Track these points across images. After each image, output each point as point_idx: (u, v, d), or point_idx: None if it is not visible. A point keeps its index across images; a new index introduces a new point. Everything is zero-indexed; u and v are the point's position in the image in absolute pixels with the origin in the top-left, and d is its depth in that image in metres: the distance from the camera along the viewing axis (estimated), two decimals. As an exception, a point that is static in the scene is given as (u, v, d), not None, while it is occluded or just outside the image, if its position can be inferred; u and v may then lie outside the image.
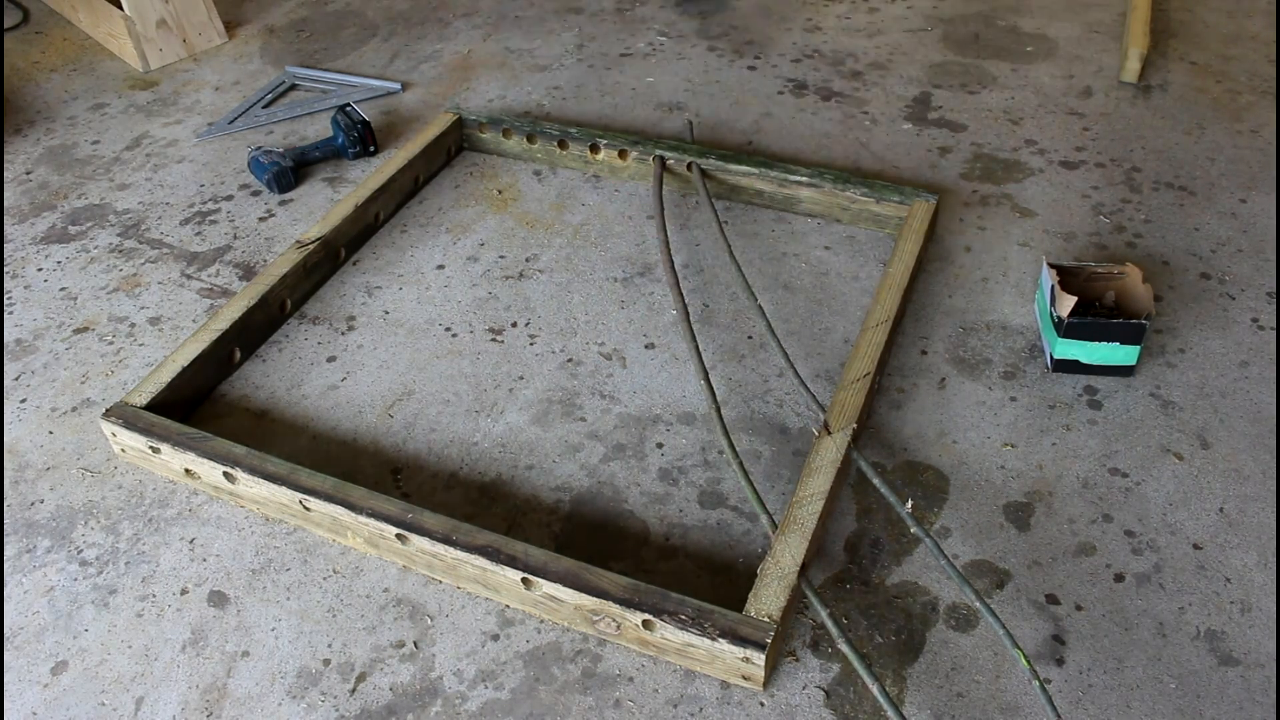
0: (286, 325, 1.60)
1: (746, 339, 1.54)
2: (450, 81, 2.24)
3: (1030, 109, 2.06)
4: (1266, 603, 1.16)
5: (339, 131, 1.95)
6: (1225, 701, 1.07)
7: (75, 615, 1.20)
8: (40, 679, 1.14)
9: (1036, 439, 1.37)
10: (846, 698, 1.09)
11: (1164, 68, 2.18)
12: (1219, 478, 1.31)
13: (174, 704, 1.11)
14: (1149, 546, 1.23)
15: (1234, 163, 1.88)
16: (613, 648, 1.14)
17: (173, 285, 1.69)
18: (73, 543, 1.28)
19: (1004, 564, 1.22)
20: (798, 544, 1.14)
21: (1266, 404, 1.40)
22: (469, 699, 1.10)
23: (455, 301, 1.63)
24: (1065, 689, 1.09)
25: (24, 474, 1.38)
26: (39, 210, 1.88)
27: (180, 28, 2.36)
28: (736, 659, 1.07)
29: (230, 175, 1.96)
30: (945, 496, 1.30)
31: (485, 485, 1.34)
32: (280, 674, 1.13)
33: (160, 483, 1.35)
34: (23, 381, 1.52)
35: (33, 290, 1.69)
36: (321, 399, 1.47)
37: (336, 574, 1.23)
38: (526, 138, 1.92)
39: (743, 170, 1.77)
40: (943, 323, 1.56)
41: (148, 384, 1.38)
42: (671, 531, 1.27)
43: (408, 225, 1.81)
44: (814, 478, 1.22)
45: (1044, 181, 1.85)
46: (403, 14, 2.55)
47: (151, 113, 2.17)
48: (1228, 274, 1.63)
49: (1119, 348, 1.40)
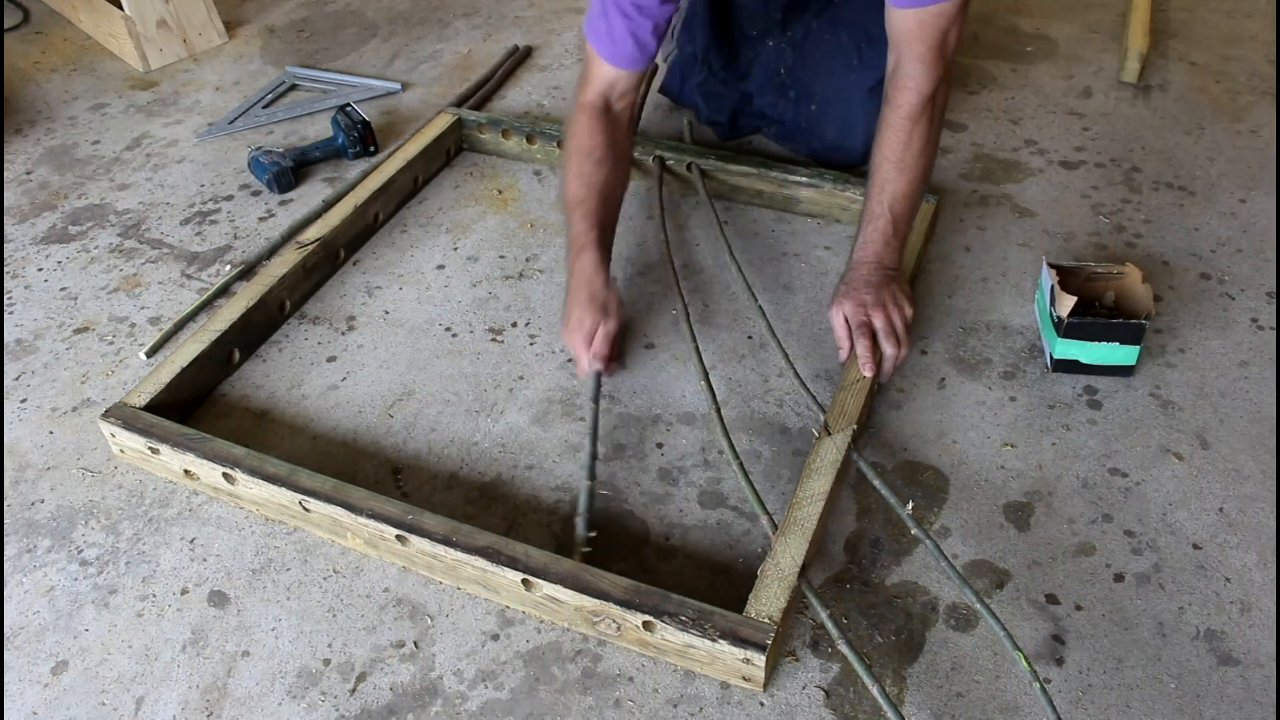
0: (286, 325, 1.60)
1: (746, 339, 1.54)
2: (450, 81, 2.24)
3: (1030, 109, 2.06)
4: (1266, 602, 1.17)
5: (339, 131, 1.95)
6: (1225, 701, 1.07)
7: (75, 615, 1.20)
8: (40, 679, 1.14)
9: (1036, 439, 1.37)
10: (846, 698, 1.09)
11: (1164, 68, 2.18)
12: (1219, 478, 1.31)
13: (174, 704, 1.11)
14: (1149, 546, 1.23)
15: (1234, 163, 1.88)
16: (613, 648, 1.15)
17: (173, 285, 1.69)
18: (73, 542, 1.28)
19: (1004, 564, 1.22)
20: (798, 545, 1.15)
21: (1266, 404, 1.40)
22: (469, 699, 1.10)
23: (455, 301, 1.63)
24: (1065, 689, 1.09)
25: (24, 474, 1.38)
26: (39, 210, 1.88)
27: (180, 28, 2.36)
28: (737, 660, 1.07)
29: (230, 175, 1.96)
30: (945, 496, 1.30)
31: (485, 485, 1.34)
32: (280, 674, 1.13)
33: (160, 483, 1.35)
34: (23, 381, 1.52)
35: (33, 290, 1.69)
36: (322, 399, 1.47)
37: (337, 574, 1.23)
38: (526, 138, 1.92)
39: (742, 170, 1.77)
40: (942, 323, 1.56)
41: (147, 384, 1.38)
42: (671, 531, 1.27)
43: (408, 225, 1.81)
44: (814, 479, 1.22)
45: (1044, 182, 1.85)
46: (403, 14, 2.55)
47: (152, 113, 2.18)
48: (1227, 274, 1.63)
49: (1119, 348, 1.40)
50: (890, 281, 1.41)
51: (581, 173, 1.49)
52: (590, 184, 1.48)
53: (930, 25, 1.33)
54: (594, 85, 1.52)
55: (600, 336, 1.38)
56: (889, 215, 1.42)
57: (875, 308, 1.38)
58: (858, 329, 1.38)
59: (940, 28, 1.33)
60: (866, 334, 1.38)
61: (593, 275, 1.41)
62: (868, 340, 1.37)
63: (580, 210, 1.46)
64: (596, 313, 1.38)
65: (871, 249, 1.43)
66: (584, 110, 1.52)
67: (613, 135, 1.52)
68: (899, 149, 1.40)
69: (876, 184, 1.43)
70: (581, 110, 1.52)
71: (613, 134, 1.52)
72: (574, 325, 1.40)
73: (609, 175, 1.50)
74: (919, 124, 1.39)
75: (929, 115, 1.39)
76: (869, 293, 1.39)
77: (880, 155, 1.42)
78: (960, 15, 1.34)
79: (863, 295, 1.39)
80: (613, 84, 1.52)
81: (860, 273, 1.42)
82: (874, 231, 1.43)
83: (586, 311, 1.39)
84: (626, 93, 1.54)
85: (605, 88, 1.52)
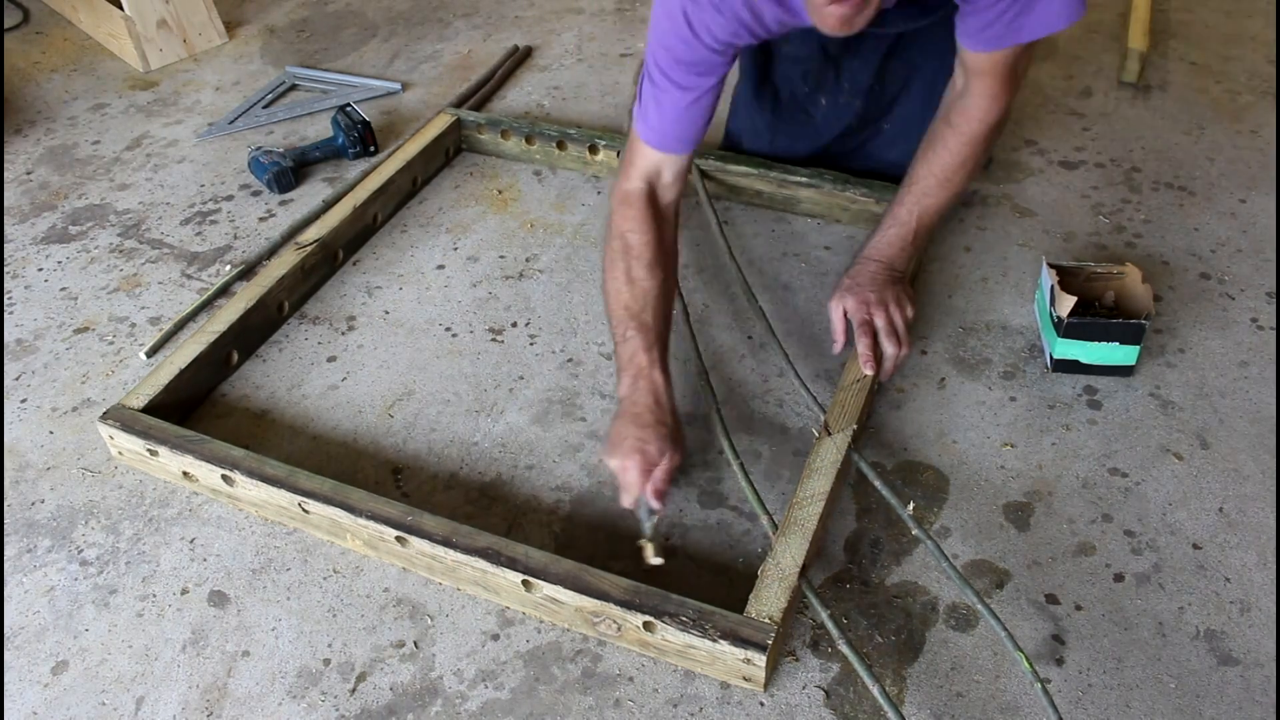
0: (286, 325, 1.60)
1: (746, 339, 1.54)
2: (450, 81, 2.24)
3: (1030, 109, 2.06)
4: (1266, 602, 1.17)
5: (339, 131, 1.95)
6: (1225, 701, 1.07)
7: (76, 615, 1.20)
8: (41, 679, 1.14)
9: (1036, 439, 1.37)
10: (846, 697, 1.09)
11: (1164, 68, 2.18)
12: (1219, 478, 1.31)
13: (174, 704, 1.11)
14: (1148, 546, 1.23)
15: (1234, 163, 1.88)
16: (613, 648, 1.15)
17: (173, 285, 1.69)
18: (73, 542, 1.28)
19: (1004, 564, 1.22)
20: (798, 545, 1.15)
21: (1266, 404, 1.40)
22: (469, 699, 1.10)
23: (455, 301, 1.63)
24: (1065, 688, 1.09)
25: (24, 474, 1.38)
26: (39, 210, 1.88)
27: (180, 28, 2.36)
28: (737, 660, 1.07)
29: (230, 175, 1.96)
30: (945, 496, 1.30)
31: (485, 485, 1.34)
32: (280, 674, 1.13)
33: (160, 483, 1.35)
34: (23, 381, 1.52)
35: (33, 290, 1.69)
36: (322, 399, 1.47)
37: (337, 574, 1.23)
38: (525, 139, 1.92)
39: (742, 170, 1.77)
40: (942, 323, 1.56)
41: (145, 386, 1.38)
42: (671, 531, 1.27)
43: (408, 225, 1.81)
44: (814, 478, 1.22)
45: (1044, 181, 1.85)
46: (403, 14, 2.55)
47: (152, 113, 2.18)
48: (1227, 274, 1.63)
49: (1119, 348, 1.40)
50: (894, 282, 1.41)
51: (633, 279, 1.32)
52: (644, 293, 1.31)
53: (1002, 63, 1.30)
54: (638, 169, 1.36)
55: (663, 470, 1.21)
56: (915, 224, 1.41)
57: (877, 306, 1.38)
58: (859, 327, 1.38)
59: (1011, 64, 1.30)
60: (868, 332, 1.37)
61: (660, 401, 1.25)
62: (869, 339, 1.37)
63: (636, 324, 1.30)
64: (663, 442, 1.21)
65: (887, 250, 1.42)
66: (629, 202, 1.35)
67: (660, 234, 1.35)
68: (949, 169, 1.38)
69: (913, 194, 1.41)
70: (626, 202, 1.35)
71: (660, 232, 1.35)
72: (631, 448, 1.20)
73: (663, 283, 1.34)
74: (976, 150, 1.38)
75: (987, 143, 1.38)
76: (873, 291, 1.39)
77: (926, 169, 1.40)
78: (1030, 49, 1.29)
79: (866, 293, 1.39)
80: (659, 169, 1.35)
81: (868, 269, 1.42)
82: (895, 235, 1.42)
83: (652, 437, 1.21)
84: (675, 180, 1.37)
85: (651, 173, 1.36)
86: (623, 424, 1.24)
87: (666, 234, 1.37)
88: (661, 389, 1.26)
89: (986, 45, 1.28)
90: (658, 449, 1.20)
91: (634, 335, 1.29)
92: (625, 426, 1.23)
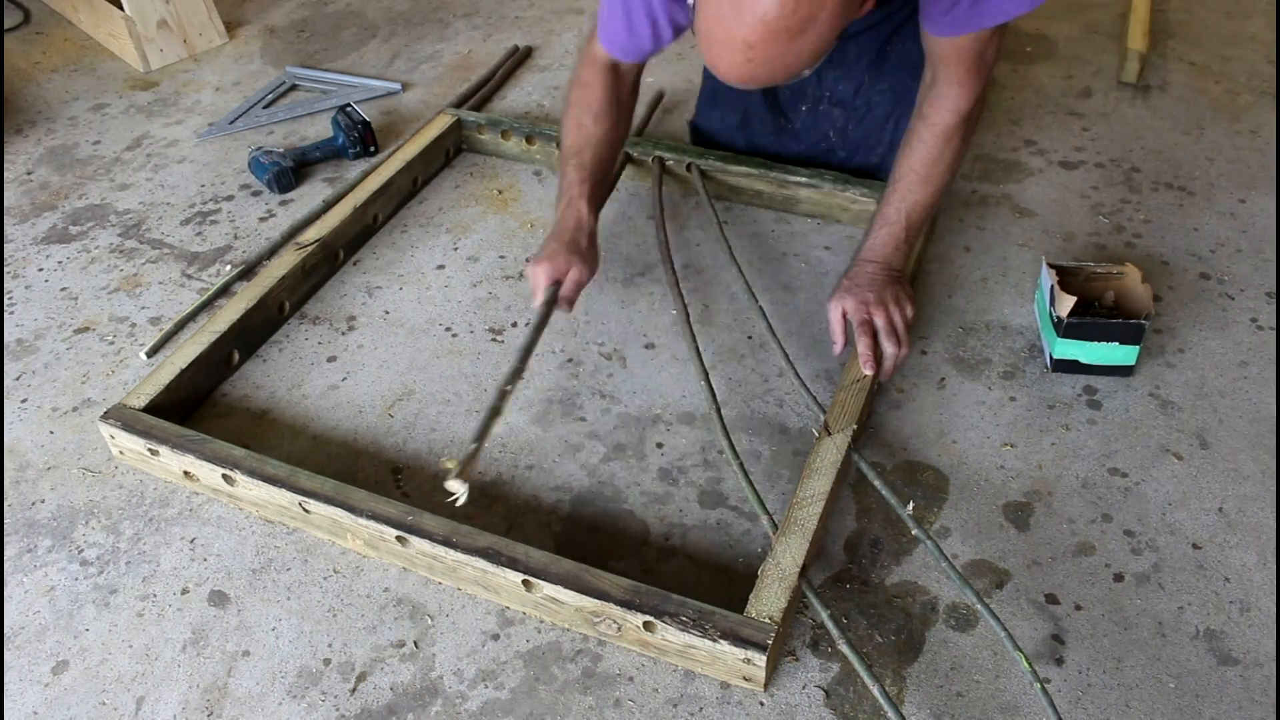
0: (287, 325, 1.60)
1: (746, 339, 1.54)
2: (450, 82, 2.24)
3: (1030, 109, 2.06)
4: (1266, 602, 1.17)
5: (339, 132, 1.95)
6: (1224, 701, 1.08)
7: (76, 615, 1.20)
8: (41, 679, 1.14)
9: (1036, 439, 1.37)
10: (846, 697, 1.09)
11: (1163, 68, 2.18)
12: (1218, 478, 1.31)
13: (174, 703, 1.11)
14: (1148, 546, 1.23)
15: (1233, 163, 1.88)
16: (613, 647, 1.15)
17: (173, 285, 1.69)
18: (73, 542, 1.28)
19: (1004, 564, 1.22)
20: (798, 545, 1.15)
21: (1266, 404, 1.41)
22: (469, 698, 1.11)
23: (455, 301, 1.63)
24: (1064, 688, 1.09)
25: (25, 474, 1.38)
26: (40, 210, 1.88)
27: (181, 28, 2.36)
28: (738, 660, 1.07)
29: (231, 175, 1.96)
30: (945, 496, 1.30)
31: (485, 485, 1.34)
32: (281, 673, 1.14)
33: (161, 482, 1.35)
34: (23, 381, 1.52)
35: (33, 290, 1.69)
36: (322, 399, 1.47)
37: (337, 573, 1.24)
38: (526, 139, 1.92)
39: (742, 171, 1.77)
40: (942, 323, 1.56)
41: (146, 385, 1.38)
42: (671, 531, 1.27)
43: (408, 225, 1.81)
44: (814, 479, 1.23)
45: (1043, 182, 1.86)
46: (403, 14, 2.55)
47: (152, 113, 2.18)
48: (1227, 274, 1.63)
49: (1118, 348, 1.40)
50: (893, 282, 1.42)
51: (581, 124, 1.50)
52: (588, 137, 1.49)
53: (967, 49, 1.31)
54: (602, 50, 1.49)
55: (571, 280, 1.41)
56: (904, 222, 1.42)
57: (877, 306, 1.38)
58: (859, 327, 1.38)
59: (977, 50, 1.31)
60: (867, 332, 1.38)
61: (577, 228, 1.44)
62: (869, 338, 1.37)
63: (575, 162, 1.48)
64: (574, 256, 1.42)
65: (881, 250, 1.43)
66: (591, 63, 1.50)
67: (617, 92, 1.51)
68: (927, 164, 1.40)
69: (898, 192, 1.43)
70: (589, 63, 1.50)
71: (617, 90, 1.51)
72: (546, 259, 1.41)
73: (608, 131, 1.50)
74: (951, 142, 1.39)
75: (962, 133, 1.39)
76: (872, 291, 1.39)
77: (907, 166, 1.42)
78: (997, 35, 1.31)
79: (865, 293, 1.39)
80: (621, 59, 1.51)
81: (866, 270, 1.42)
82: (887, 235, 1.43)
83: (565, 251, 1.42)
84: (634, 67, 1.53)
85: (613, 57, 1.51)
86: (546, 241, 1.45)
87: (624, 94, 1.54)
88: (584, 216, 1.46)
89: (950, 29, 1.29)
90: (566, 260, 1.41)
91: (571, 171, 1.49)
92: (547, 243, 1.44)
